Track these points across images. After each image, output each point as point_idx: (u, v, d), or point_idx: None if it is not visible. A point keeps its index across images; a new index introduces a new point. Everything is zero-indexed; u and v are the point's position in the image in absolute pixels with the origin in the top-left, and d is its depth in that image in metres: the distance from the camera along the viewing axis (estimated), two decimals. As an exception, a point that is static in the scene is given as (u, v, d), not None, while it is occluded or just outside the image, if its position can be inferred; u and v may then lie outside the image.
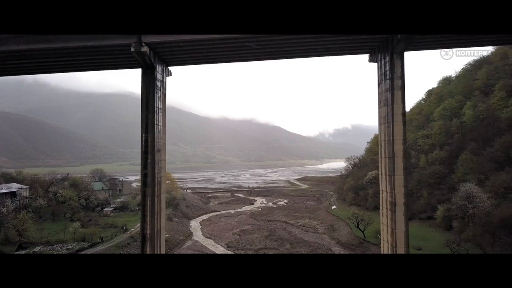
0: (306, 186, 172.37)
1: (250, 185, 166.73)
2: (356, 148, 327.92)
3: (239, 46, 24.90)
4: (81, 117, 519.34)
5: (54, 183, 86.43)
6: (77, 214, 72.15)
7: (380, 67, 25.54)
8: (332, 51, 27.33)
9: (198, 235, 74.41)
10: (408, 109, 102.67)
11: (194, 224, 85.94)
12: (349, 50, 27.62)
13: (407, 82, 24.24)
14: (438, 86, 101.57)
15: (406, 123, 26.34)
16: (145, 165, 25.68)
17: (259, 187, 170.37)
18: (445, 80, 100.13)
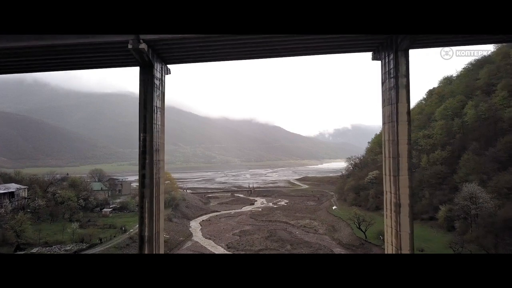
0: (306, 186, 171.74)
1: (250, 185, 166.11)
2: (356, 148, 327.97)
3: (240, 44, 24.36)
4: (81, 117, 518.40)
5: (53, 183, 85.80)
6: (76, 215, 71.73)
7: (384, 65, 24.97)
8: (335, 49, 26.79)
9: (198, 236, 73.81)
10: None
11: (194, 225, 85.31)
12: (352, 48, 27.04)
13: (409, 82, 23.67)
14: (439, 86, 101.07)
15: (408, 123, 25.72)
16: (143, 166, 25.05)
17: (259, 187, 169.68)
18: (446, 80, 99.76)
